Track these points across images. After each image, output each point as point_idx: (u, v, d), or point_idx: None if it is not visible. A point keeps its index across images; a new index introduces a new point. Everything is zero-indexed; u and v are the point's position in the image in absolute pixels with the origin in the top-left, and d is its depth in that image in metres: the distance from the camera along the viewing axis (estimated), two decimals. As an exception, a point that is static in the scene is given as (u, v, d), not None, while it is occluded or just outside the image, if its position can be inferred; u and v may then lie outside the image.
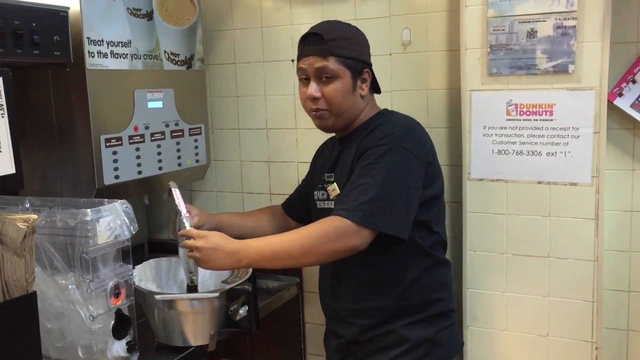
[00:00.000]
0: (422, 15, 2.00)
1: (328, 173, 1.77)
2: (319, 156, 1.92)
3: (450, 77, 1.99)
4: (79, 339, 1.46)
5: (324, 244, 1.51)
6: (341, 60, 1.63)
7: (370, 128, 1.66)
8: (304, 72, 1.67)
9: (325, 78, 1.64)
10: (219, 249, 1.50)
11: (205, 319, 1.63)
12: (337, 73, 1.63)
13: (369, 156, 1.58)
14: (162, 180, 2.06)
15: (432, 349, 1.67)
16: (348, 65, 1.64)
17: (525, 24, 1.78)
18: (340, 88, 1.64)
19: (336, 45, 1.63)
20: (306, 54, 1.66)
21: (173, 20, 2.03)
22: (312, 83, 1.66)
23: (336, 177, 1.73)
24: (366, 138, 1.63)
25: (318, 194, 1.79)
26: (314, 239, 1.51)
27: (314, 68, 1.64)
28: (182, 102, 2.08)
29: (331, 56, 1.62)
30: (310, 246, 1.51)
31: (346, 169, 1.67)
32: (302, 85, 1.70)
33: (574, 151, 1.78)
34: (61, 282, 1.44)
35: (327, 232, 1.51)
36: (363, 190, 1.53)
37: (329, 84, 1.64)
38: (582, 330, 1.83)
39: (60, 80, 1.76)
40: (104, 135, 1.79)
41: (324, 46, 1.63)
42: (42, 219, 1.38)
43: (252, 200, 2.36)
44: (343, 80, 1.64)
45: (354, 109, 1.69)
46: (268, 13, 2.23)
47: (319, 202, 1.78)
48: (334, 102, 1.65)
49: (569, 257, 1.82)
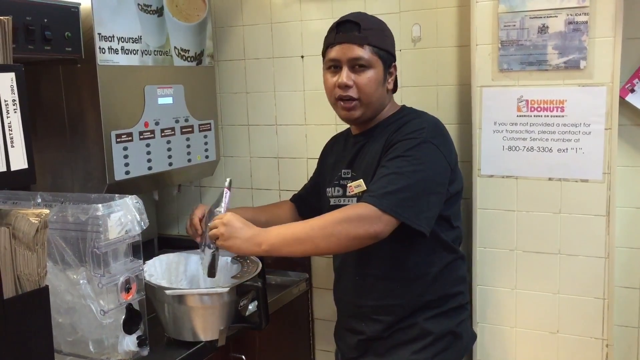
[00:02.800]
0: (432, 11, 1.99)
1: (346, 169, 1.74)
2: (329, 152, 1.90)
3: (460, 73, 1.98)
4: (90, 333, 1.47)
5: (346, 228, 1.50)
6: (376, 51, 1.62)
7: (398, 123, 1.65)
8: (335, 60, 1.64)
9: (359, 67, 1.61)
10: (242, 231, 1.54)
11: (215, 314, 1.63)
12: (371, 62, 1.61)
13: (398, 149, 1.57)
14: (172, 176, 2.07)
15: (454, 341, 1.68)
16: (381, 57, 1.63)
17: (536, 19, 1.77)
18: (374, 78, 1.62)
19: (372, 35, 1.62)
20: (340, 41, 1.62)
21: (183, 16, 2.04)
22: (345, 70, 1.62)
23: (359, 172, 1.70)
24: (395, 132, 1.62)
25: (332, 191, 1.77)
26: (335, 223, 1.50)
27: (349, 56, 1.61)
28: (192, 98, 2.08)
29: (367, 45, 1.61)
30: (332, 229, 1.50)
31: (372, 162, 1.65)
32: (330, 74, 1.67)
33: (585, 147, 1.77)
34: (72, 276, 1.45)
35: (349, 216, 1.50)
36: (391, 180, 1.52)
37: (363, 72, 1.62)
38: (593, 327, 1.82)
39: (71, 76, 1.77)
40: (115, 130, 1.80)
41: (360, 34, 1.61)
42: (53, 214, 1.39)
43: (261, 196, 2.36)
44: (376, 71, 1.63)
45: (382, 101, 1.68)
46: (278, 9, 2.22)
47: (332, 199, 1.76)
48: (366, 91, 1.62)
49: (580, 254, 1.81)
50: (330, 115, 2.19)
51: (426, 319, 1.66)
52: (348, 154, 1.76)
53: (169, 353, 1.61)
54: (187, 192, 2.42)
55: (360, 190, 1.66)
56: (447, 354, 1.68)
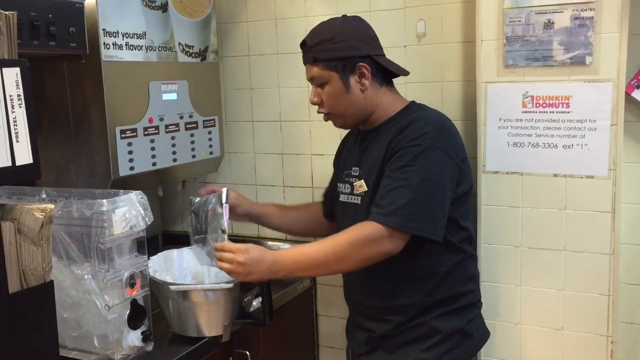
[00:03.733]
0: (437, 6, 1.99)
1: (355, 167, 1.73)
2: (343, 146, 1.89)
3: (465, 69, 1.98)
4: (94, 328, 1.47)
5: (359, 251, 1.51)
6: (325, 65, 1.62)
7: (401, 124, 1.61)
8: (309, 79, 1.70)
9: (320, 84, 1.66)
10: (260, 264, 1.51)
11: (220, 310, 1.63)
12: (324, 78, 1.64)
13: (403, 157, 1.55)
14: (176, 172, 2.07)
15: (463, 340, 1.68)
16: (333, 67, 1.62)
17: (542, 15, 1.76)
18: (331, 91, 1.64)
19: (318, 50, 1.63)
20: (303, 62, 1.69)
21: (187, 12, 2.04)
22: (313, 89, 1.69)
23: (363, 172, 1.70)
24: (399, 136, 1.59)
25: (342, 187, 1.77)
26: (347, 247, 1.52)
27: (308, 76, 1.68)
28: (196, 94, 2.08)
29: (315, 62, 1.64)
30: (345, 254, 1.52)
31: (375, 164, 1.64)
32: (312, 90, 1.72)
33: (590, 144, 1.76)
34: (77, 272, 1.45)
35: (361, 239, 1.51)
36: (399, 193, 1.51)
37: (323, 89, 1.66)
38: (598, 324, 1.82)
39: (76, 72, 1.77)
40: (119, 126, 1.80)
41: (308, 54, 1.65)
42: (58, 209, 1.40)
43: (266, 193, 2.36)
44: (332, 84, 1.63)
45: (358, 106, 1.66)
46: (282, 5, 2.22)
47: (342, 195, 1.77)
48: (330, 104, 1.66)
49: (585, 251, 1.81)
50: (334, 112, 2.19)
51: (435, 317, 1.65)
52: (357, 150, 1.75)
53: (174, 348, 1.61)
54: (192, 188, 2.42)
55: (363, 191, 1.67)
56: (456, 352, 1.67)
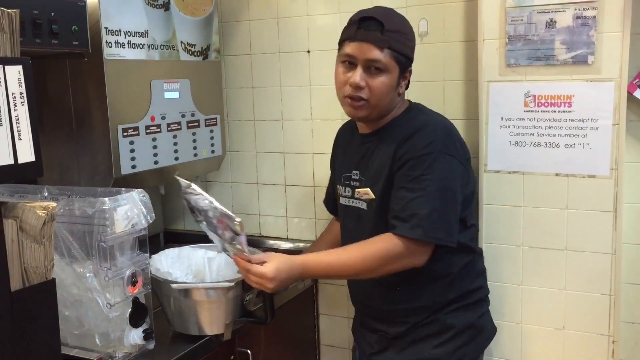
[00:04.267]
0: (439, 5, 1.99)
1: (355, 170, 1.70)
2: (336, 147, 1.89)
3: (467, 68, 1.97)
4: (96, 326, 1.47)
5: (387, 265, 1.53)
6: (395, 55, 1.56)
7: (406, 131, 1.60)
8: (351, 56, 1.57)
9: (374, 69, 1.56)
10: (288, 280, 1.51)
11: (221, 309, 1.63)
12: (388, 67, 1.56)
13: (416, 167, 1.54)
14: (178, 171, 2.07)
15: (475, 335, 1.69)
16: (399, 62, 1.57)
17: (544, 14, 1.76)
18: (387, 83, 1.57)
19: (394, 38, 1.55)
20: (360, 39, 1.55)
21: (189, 10, 2.04)
22: (359, 70, 1.56)
23: (366, 177, 1.67)
24: (406, 143, 1.57)
25: (342, 190, 1.75)
26: (375, 261, 1.52)
27: (367, 56, 1.55)
28: (198, 92, 2.08)
29: (387, 49, 1.54)
30: (373, 268, 1.53)
31: (381, 171, 1.61)
32: (343, 68, 1.60)
33: (592, 143, 1.76)
34: (79, 270, 1.45)
35: (390, 255, 1.51)
36: (419, 204, 1.51)
37: (377, 76, 1.56)
38: (599, 323, 1.82)
39: (78, 70, 1.77)
40: (121, 125, 1.80)
41: (382, 36, 1.53)
42: (60, 207, 1.40)
43: (267, 192, 2.36)
44: (391, 76, 1.57)
45: (391, 105, 1.65)
46: (284, 4, 2.22)
47: (343, 199, 1.75)
48: (376, 94, 1.57)
49: (587, 250, 1.81)
50: (336, 111, 2.18)
51: (447, 313, 1.66)
52: (356, 153, 1.72)
53: (175, 347, 1.61)
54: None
55: (369, 198, 1.65)
56: (468, 347, 1.67)
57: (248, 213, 2.41)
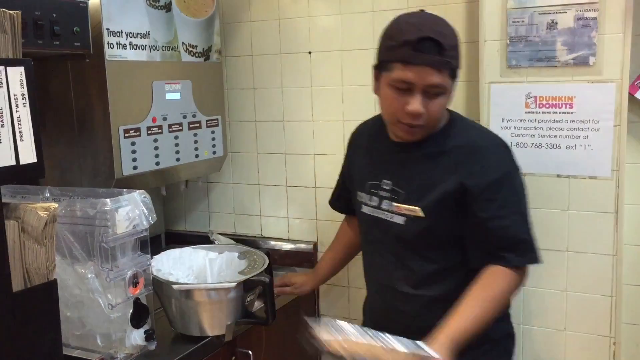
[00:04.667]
0: (441, 6, 1.98)
1: (386, 179, 1.57)
2: (357, 146, 1.75)
3: (468, 69, 1.97)
4: (97, 327, 1.47)
5: (510, 297, 1.51)
6: (451, 73, 1.44)
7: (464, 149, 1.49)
8: (408, 83, 1.41)
9: (434, 93, 1.43)
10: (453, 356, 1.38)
11: (222, 310, 1.63)
12: (447, 88, 1.44)
13: (497, 191, 1.46)
14: (179, 172, 2.08)
15: (510, 342, 1.65)
16: (454, 77, 1.46)
17: (545, 15, 1.76)
18: (444, 103, 1.47)
19: (452, 57, 1.42)
20: (419, 63, 1.39)
21: (191, 11, 2.04)
22: (418, 97, 1.41)
23: (407, 191, 1.53)
24: (473, 167, 1.47)
25: (366, 198, 1.63)
26: (503, 300, 1.49)
27: (427, 82, 1.40)
28: (200, 93, 2.09)
29: (449, 69, 1.42)
30: (501, 307, 1.49)
31: (431, 188, 1.49)
32: (396, 93, 1.44)
33: (593, 144, 1.76)
34: (80, 271, 1.45)
35: (511, 289, 1.48)
36: (518, 229, 1.48)
37: (435, 98, 1.43)
38: (600, 325, 1.81)
39: (79, 71, 1.77)
40: (123, 126, 1.80)
41: (442, 58, 1.39)
42: (62, 208, 1.40)
43: (268, 193, 2.36)
44: (448, 95, 1.46)
45: (442, 119, 1.54)
46: (285, 5, 2.22)
47: (366, 207, 1.63)
48: (434, 117, 1.46)
49: (588, 252, 1.81)
50: (337, 111, 2.19)
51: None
52: (389, 162, 1.59)
53: (176, 348, 1.61)
54: (195, 187, 2.43)
55: (414, 215, 1.52)
56: (506, 355, 1.63)
57: (249, 214, 2.41)
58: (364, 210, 1.64)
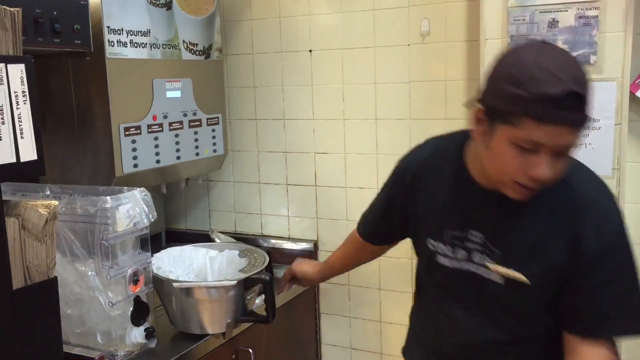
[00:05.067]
0: (441, 5, 1.99)
1: (476, 231, 1.32)
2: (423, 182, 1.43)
3: (469, 68, 1.97)
4: (98, 325, 1.48)
5: None
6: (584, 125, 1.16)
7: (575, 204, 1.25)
8: (537, 144, 1.12)
9: (563, 154, 1.16)
10: None
11: (223, 307, 1.64)
12: (575, 145, 1.16)
13: (613, 255, 1.24)
14: (179, 170, 2.08)
15: None
16: None
17: (546, 13, 1.76)
18: (569, 160, 1.19)
19: (590, 109, 1.15)
20: (560, 122, 1.10)
21: (192, 9, 2.04)
22: (547, 159, 1.13)
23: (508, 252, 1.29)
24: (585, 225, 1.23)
25: (442, 248, 1.39)
26: None
27: (560, 143, 1.12)
28: (200, 92, 2.09)
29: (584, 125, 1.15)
30: None
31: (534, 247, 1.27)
32: (520, 154, 1.14)
33: (594, 143, 1.76)
34: (81, 268, 1.45)
35: None
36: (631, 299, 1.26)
37: (562, 159, 1.16)
38: (601, 323, 1.81)
39: (80, 69, 1.77)
40: (123, 124, 1.80)
41: (584, 114, 1.13)
42: (62, 205, 1.40)
43: (269, 191, 2.36)
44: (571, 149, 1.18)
45: None
46: (286, 3, 2.22)
47: (444, 258, 1.38)
48: (557, 179, 1.19)
49: (588, 250, 1.80)
50: (337, 110, 2.19)
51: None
52: (474, 209, 1.34)
53: (177, 345, 1.62)
54: (195, 186, 2.43)
55: (517, 279, 1.28)
56: None
57: (250, 212, 2.41)
58: (440, 261, 1.40)
